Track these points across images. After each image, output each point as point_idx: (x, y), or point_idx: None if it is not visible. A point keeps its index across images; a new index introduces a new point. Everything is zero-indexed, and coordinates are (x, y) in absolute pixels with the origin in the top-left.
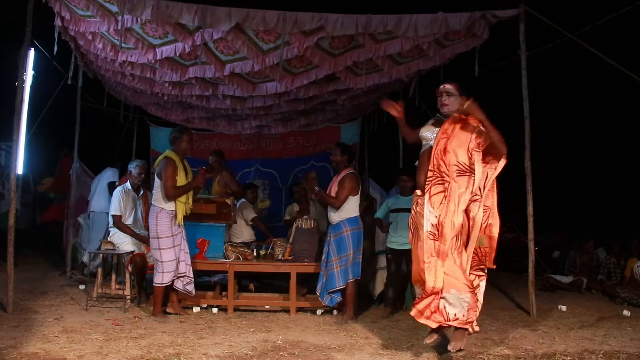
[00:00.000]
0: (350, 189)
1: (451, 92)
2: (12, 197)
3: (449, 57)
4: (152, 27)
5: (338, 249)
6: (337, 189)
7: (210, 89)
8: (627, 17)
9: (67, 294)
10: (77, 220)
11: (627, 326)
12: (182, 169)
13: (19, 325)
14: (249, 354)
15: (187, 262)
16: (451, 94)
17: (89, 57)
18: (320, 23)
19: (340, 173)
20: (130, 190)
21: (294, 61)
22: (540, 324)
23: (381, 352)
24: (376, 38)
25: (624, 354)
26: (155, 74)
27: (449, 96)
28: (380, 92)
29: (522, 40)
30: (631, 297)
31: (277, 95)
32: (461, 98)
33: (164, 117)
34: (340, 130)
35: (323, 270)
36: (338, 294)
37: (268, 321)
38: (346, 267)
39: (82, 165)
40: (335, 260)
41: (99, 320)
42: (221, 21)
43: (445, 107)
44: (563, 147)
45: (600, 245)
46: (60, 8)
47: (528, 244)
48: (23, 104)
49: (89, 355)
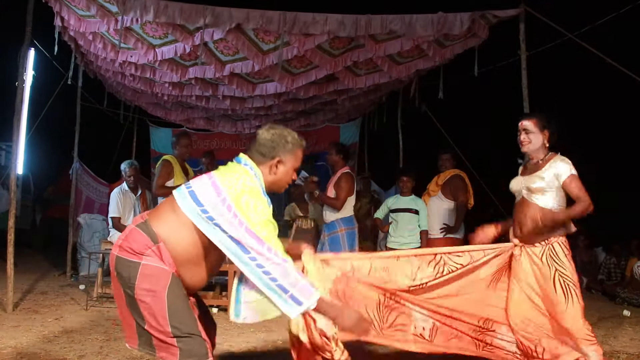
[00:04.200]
0: (348, 189)
1: (529, 130)
2: (12, 197)
3: (449, 57)
4: (152, 27)
5: (333, 248)
6: (334, 190)
7: (210, 89)
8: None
9: (67, 294)
10: (77, 220)
11: (627, 326)
12: (180, 172)
13: (19, 325)
14: (249, 354)
15: None
16: (530, 131)
17: (89, 57)
18: (321, 23)
19: (336, 173)
20: (128, 191)
21: (294, 61)
22: None
23: (381, 352)
24: (376, 38)
25: (624, 354)
26: (156, 74)
27: (528, 133)
28: (380, 92)
29: (522, 40)
30: (631, 297)
31: (277, 96)
32: (542, 133)
33: (164, 117)
34: (339, 130)
35: None
36: None
37: (268, 321)
38: None
39: (82, 165)
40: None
41: (99, 320)
42: (221, 21)
43: (525, 146)
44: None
45: (599, 245)
46: (60, 8)
47: None
48: (23, 104)
49: (89, 355)
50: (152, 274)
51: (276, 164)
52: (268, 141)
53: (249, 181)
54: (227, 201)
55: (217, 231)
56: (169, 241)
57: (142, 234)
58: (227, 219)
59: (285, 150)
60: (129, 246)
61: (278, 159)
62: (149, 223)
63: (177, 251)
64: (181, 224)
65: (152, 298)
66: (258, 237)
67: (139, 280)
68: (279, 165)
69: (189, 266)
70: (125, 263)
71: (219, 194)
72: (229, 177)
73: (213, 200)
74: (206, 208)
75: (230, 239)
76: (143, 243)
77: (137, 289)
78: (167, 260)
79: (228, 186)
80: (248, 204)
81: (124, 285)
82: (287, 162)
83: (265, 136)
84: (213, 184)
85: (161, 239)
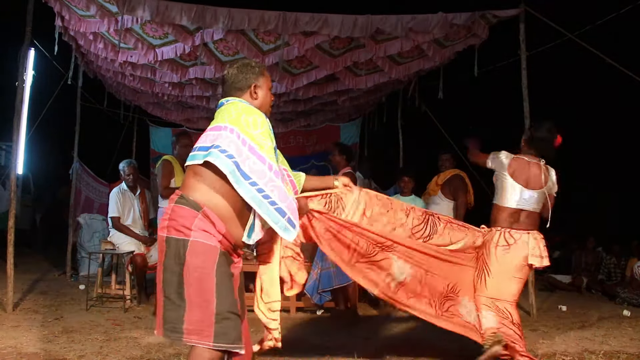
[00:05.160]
0: None
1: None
2: (12, 197)
3: (449, 57)
4: (152, 27)
5: None
6: None
7: (210, 89)
8: (627, 17)
9: (67, 294)
10: (77, 220)
11: (627, 326)
12: (180, 171)
13: (19, 325)
14: None
15: None
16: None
17: (89, 57)
18: (320, 24)
19: (339, 173)
20: (127, 191)
21: (294, 62)
22: (540, 324)
23: (381, 352)
24: (376, 38)
25: (624, 354)
26: (156, 74)
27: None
28: (381, 93)
29: (522, 40)
30: (631, 297)
31: (277, 96)
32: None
33: (164, 117)
34: (340, 129)
35: (314, 269)
36: (328, 293)
37: None
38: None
39: (82, 165)
40: (331, 260)
41: (99, 320)
42: (221, 22)
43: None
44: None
45: (600, 245)
46: (60, 8)
47: None
48: (23, 104)
49: (89, 355)
50: (202, 250)
51: (254, 89)
52: (237, 74)
53: (240, 106)
54: (228, 127)
55: (229, 162)
56: (209, 203)
57: (183, 207)
58: (232, 141)
59: (256, 74)
60: (175, 224)
61: (254, 85)
62: (185, 195)
63: (219, 208)
64: (212, 182)
65: (200, 274)
66: (260, 155)
67: (188, 257)
68: (257, 90)
69: (232, 221)
70: (174, 242)
71: (222, 128)
72: (221, 115)
73: (219, 134)
74: (218, 143)
75: (236, 166)
76: (189, 215)
77: (186, 266)
78: (217, 222)
79: (226, 119)
80: (247, 121)
81: (173, 264)
82: (262, 85)
83: (232, 72)
84: (212, 129)
85: (202, 204)
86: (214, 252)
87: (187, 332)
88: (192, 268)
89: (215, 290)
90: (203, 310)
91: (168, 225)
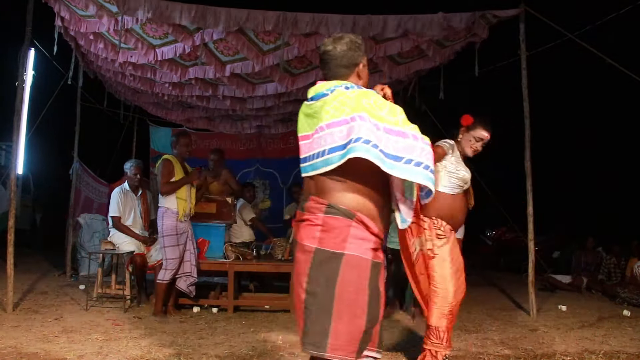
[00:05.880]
0: None
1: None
2: (12, 197)
3: (448, 57)
4: (152, 27)
5: None
6: None
7: (211, 89)
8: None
9: (67, 294)
10: (77, 220)
11: (627, 326)
12: (180, 171)
13: (19, 325)
14: (249, 354)
15: (192, 262)
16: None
17: (89, 57)
18: (320, 24)
19: None
20: (129, 191)
21: (294, 62)
22: (540, 324)
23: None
24: (376, 38)
25: (624, 354)
26: (156, 74)
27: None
28: None
29: (522, 40)
30: (631, 297)
31: (277, 96)
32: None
33: (164, 117)
34: None
35: None
36: None
37: (268, 321)
38: None
39: (82, 165)
40: None
41: (99, 320)
42: (221, 22)
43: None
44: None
45: (600, 245)
46: (60, 8)
47: (528, 244)
48: (23, 104)
49: (89, 355)
50: (357, 264)
51: (361, 68)
52: (346, 52)
53: (352, 93)
54: (356, 115)
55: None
56: (359, 206)
57: (335, 217)
58: (368, 128)
59: (362, 51)
60: (330, 236)
61: (362, 64)
62: (332, 204)
63: (368, 209)
64: (355, 182)
65: (355, 288)
66: (399, 131)
67: (342, 271)
68: (363, 68)
69: (378, 218)
70: (328, 254)
71: (349, 120)
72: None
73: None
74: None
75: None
76: (343, 225)
77: (339, 280)
78: (370, 225)
79: (347, 110)
80: (370, 104)
81: (323, 276)
82: (365, 63)
83: (341, 48)
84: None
85: (354, 210)
86: (368, 265)
87: (331, 347)
88: (347, 282)
89: (367, 306)
90: (351, 325)
91: (320, 237)
